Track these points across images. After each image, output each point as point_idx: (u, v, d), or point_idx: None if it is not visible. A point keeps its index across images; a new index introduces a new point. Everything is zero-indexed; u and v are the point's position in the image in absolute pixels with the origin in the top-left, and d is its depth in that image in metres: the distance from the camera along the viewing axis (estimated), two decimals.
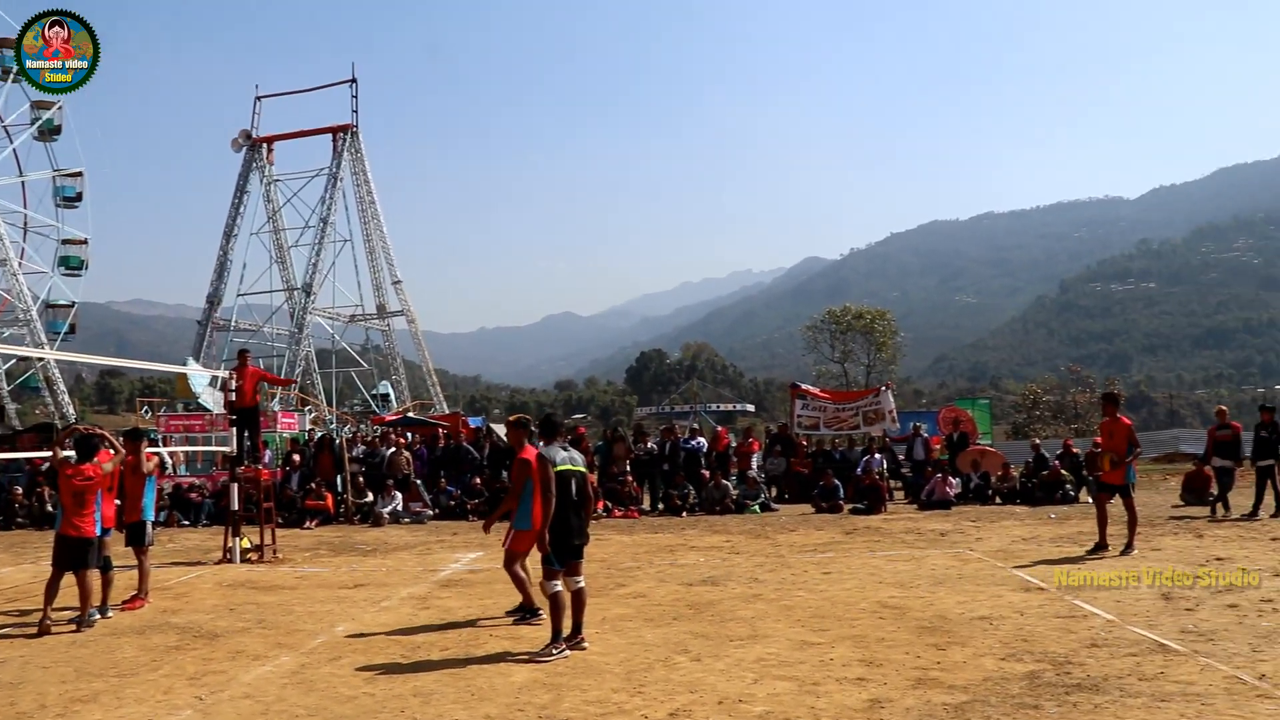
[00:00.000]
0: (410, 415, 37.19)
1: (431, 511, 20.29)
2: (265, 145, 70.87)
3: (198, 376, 40.62)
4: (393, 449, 21.74)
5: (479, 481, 20.75)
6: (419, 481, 20.87)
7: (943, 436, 24.03)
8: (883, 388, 25.19)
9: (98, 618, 9.47)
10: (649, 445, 21.94)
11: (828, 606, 9.22)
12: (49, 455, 12.25)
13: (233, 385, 15.48)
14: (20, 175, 56.51)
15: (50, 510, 20.02)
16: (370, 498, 20.44)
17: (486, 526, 9.34)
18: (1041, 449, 21.96)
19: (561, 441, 8.11)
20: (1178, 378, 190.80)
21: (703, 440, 22.55)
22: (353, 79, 69.40)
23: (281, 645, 8.21)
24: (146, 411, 45.28)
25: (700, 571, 11.75)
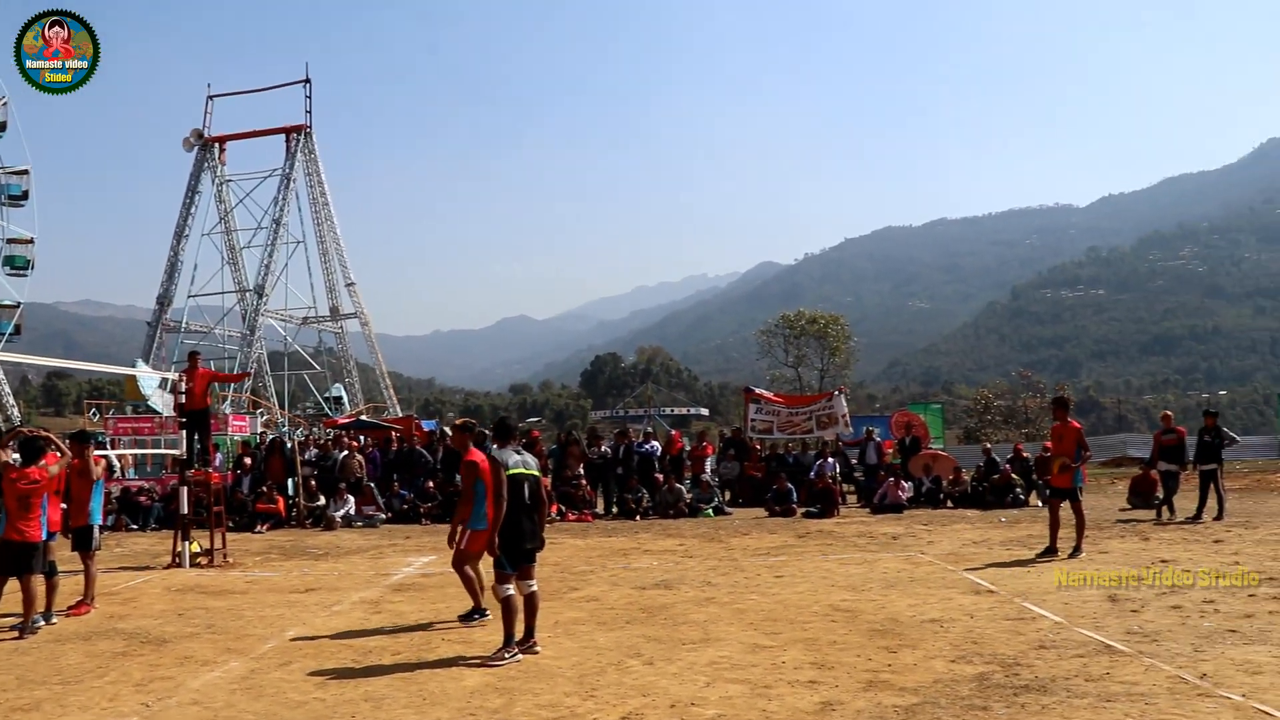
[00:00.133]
0: (363, 418, 36.98)
1: (384, 515, 20.14)
2: (218, 145, 70.39)
3: (147, 378, 40.15)
4: (345, 452, 21.60)
5: (432, 485, 20.64)
6: (372, 485, 20.71)
7: (895, 441, 24.20)
8: (836, 392, 25.30)
9: (42, 624, 9.29)
10: (603, 449, 21.92)
11: (780, 610, 9.28)
12: None
13: (183, 387, 15.33)
14: None
15: None
16: (322, 501, 20.24)
17: (450, 540, 8.93)
18: (993, 453, 22.22)
19: (515, 445, 8.09)
20: (1125, 383, 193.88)
21: (657, 444, 22.58)
22: (306, 79, 69.08)
23: (231, 650, 8.12)
24: (94, 414, 44.62)
25: (653, 575, 11.77)
